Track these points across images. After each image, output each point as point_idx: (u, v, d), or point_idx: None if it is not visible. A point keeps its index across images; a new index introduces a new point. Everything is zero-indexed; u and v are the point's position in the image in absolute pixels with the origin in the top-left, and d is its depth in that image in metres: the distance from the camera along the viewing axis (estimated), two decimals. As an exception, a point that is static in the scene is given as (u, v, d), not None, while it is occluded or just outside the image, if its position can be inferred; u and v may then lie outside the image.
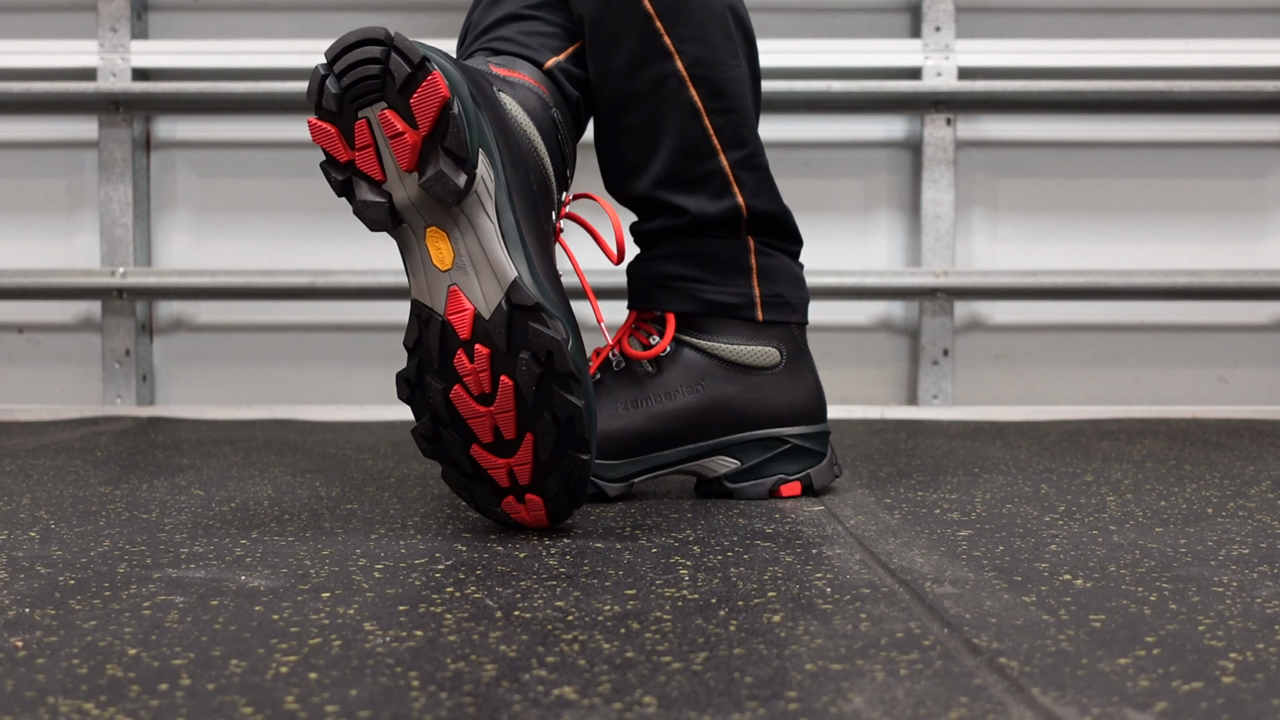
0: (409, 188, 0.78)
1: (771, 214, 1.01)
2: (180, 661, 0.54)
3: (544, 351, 0.78)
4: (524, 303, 0.78)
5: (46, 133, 1.91)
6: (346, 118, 0.79)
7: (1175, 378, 1.89)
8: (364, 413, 1.77)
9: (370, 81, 0.78)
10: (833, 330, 1.87)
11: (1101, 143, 1.88)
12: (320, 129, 0.79)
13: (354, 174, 0.80)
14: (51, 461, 1.23)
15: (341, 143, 0.79)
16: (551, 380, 0.79)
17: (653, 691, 0.50)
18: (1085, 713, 0.48)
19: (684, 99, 0.97)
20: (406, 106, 0.77)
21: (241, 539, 0.82)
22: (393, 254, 1.86)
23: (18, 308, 1.90)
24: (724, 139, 0.99)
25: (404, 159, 0.78)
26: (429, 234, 0.79)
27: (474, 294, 0.79)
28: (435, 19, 1.88)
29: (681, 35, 0.97)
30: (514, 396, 0.79)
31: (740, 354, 0.99)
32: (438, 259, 0.79)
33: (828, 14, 1.88)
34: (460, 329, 0.79)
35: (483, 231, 0.79)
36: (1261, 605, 0.64)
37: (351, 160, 0.79)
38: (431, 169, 0.77)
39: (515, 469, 0.81)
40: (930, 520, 0.89)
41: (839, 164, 1.89)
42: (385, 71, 0.77)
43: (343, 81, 0.78)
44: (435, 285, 0.80)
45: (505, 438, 0.80)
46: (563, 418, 0.79)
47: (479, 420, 0.80)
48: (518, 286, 0.78)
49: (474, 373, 0.79)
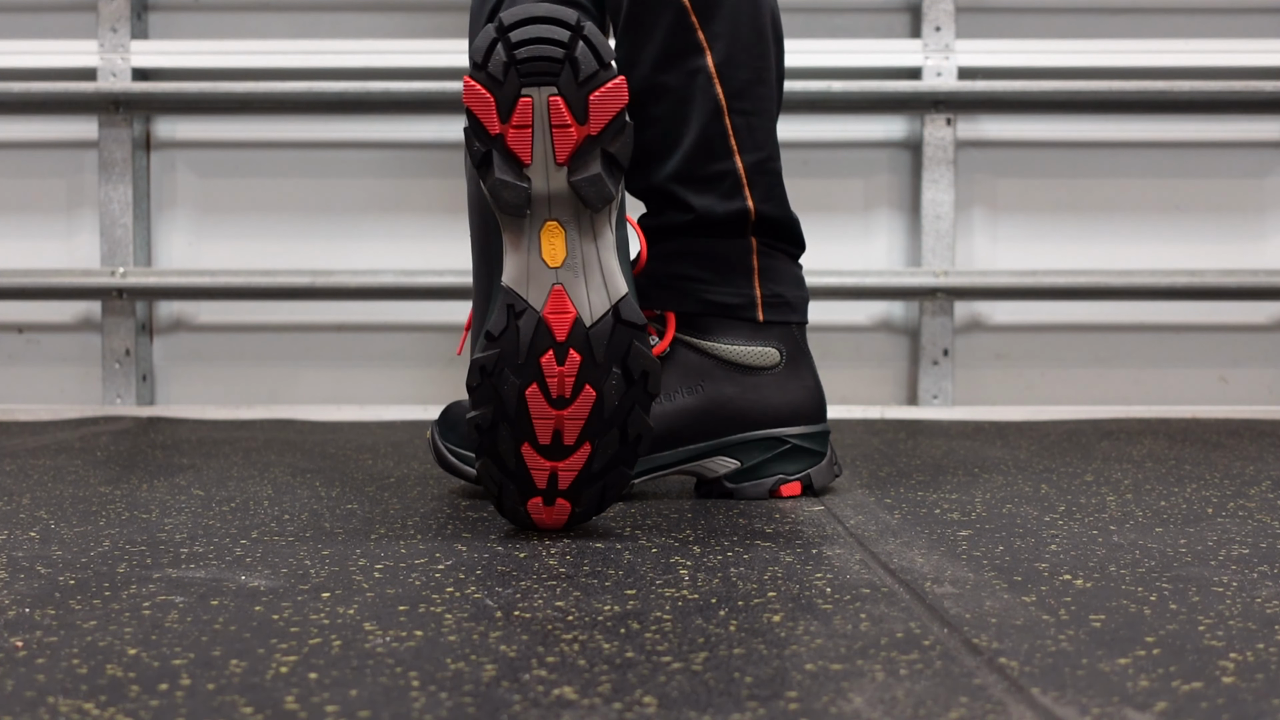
0: (554, 180, 0.77)
1: (779, 219, 1.01)
2: (180, 661, 0.54)
3: (640, 371, 0.79)
4: (632, 320, 0.79)
5: (46, 133, 1.91)
6: (509, 90, 0.76)
7: (1175, 378, 1.89)
8: (364, 413, 1.77)
9: (548, 63, 0.75)
10: (833, 330, 1.87)
11: (1101, 143, 1.88)
12: (477, 93, 0.76)
13: (498, 149, 0.77)
14: (51, 461, 1.23)
15: (496, 114, 0.76)
16: (635, 400, 0.80)
17: (653, 691, 0.50)
18: (1085, 713, 0.48)
19: (710, 95, 0.97)
20: (583, 101, 0.76)
21: (241, 539, 0.82)
22: (392, 254, 1.87)
23: (18, 308, 1.90)
24: (741, 140, 0.99)
25: (562, 151, 0.76)
26: (547, 228, 0.78)
27: (580, 299, 0.78)
28: (435, 19, 1.88)
29: (715, 32, 0.97)
30: (592, 407, 0.79)
31: (740, 354, 0.99)
32: (548, 254, 0.78)
33: (828, 14, 1.88)
34: (558, 330, 0.78)
35: (603, 240, 0.79)
36: (1261, 605, 0.64)
37: (501, 135, 0.77)
38: (587, 170, 0.76)
39: (560, 473, 0.80)
40: (930, 520, 0.89)
41: (839, 164, 1.89)
42: (569, 58, 0.75)
43: (517, 53, 0.75)
44: (538, 280, 0.78)
45: (564, 443, 0.80)
46: (631, 435, 0.80)
47: (545, 422, 0.79)
48: (628, 302, 0.79)
49: (559, 376, 0.78)
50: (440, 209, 1.88)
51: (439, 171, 1.88)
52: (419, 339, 1.89)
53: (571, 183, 0.77)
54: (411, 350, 1.89)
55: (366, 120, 1.89)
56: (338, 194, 1.90)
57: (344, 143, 1.90)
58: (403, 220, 1.89)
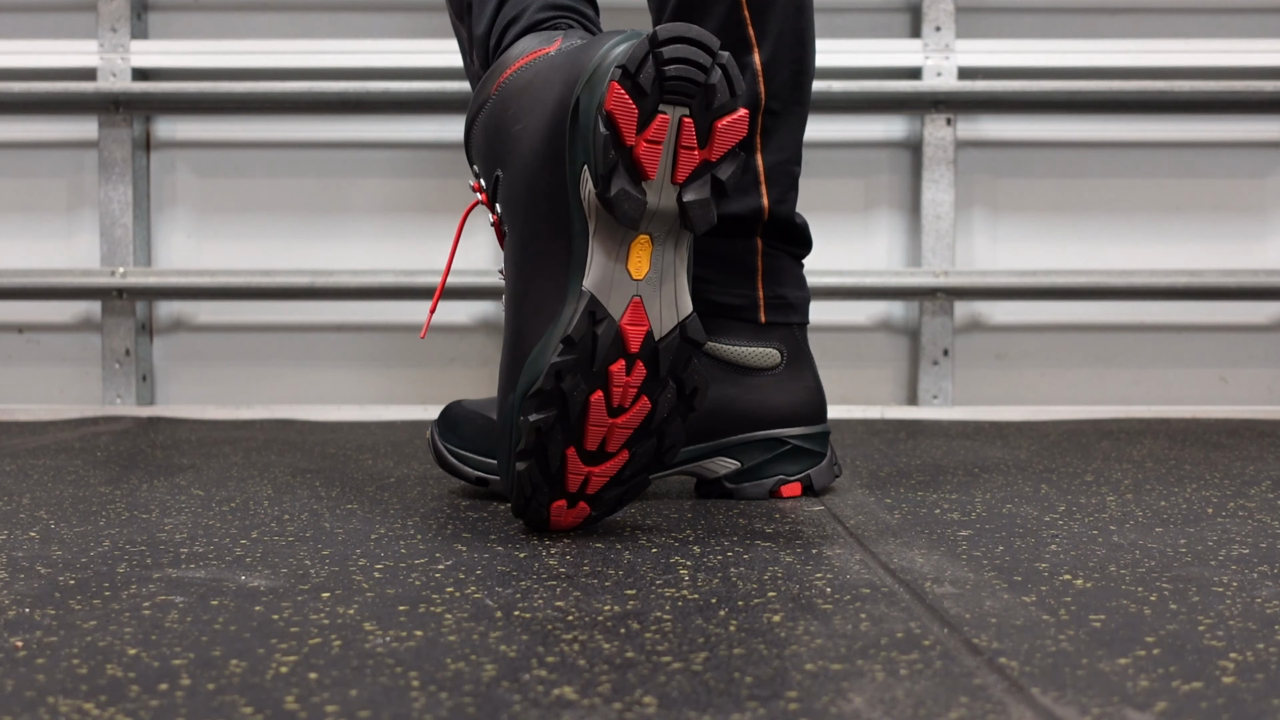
0: (665, 197, 0.78)
1: (789, 222, 1.01)
2: (180, 661, 0.54)
3: (692, 387, 0.81)
4: (696, 338, 0.80)
5: (46, 133, 1.91)
6: (650, 103, 0.76)
7: (1175, 378, 1.89)
8: (364, 413, 1.77)
9: (689, 85, 0.76)
10: (833, 330, 1.87)
11: (1101, 143, 1.88)
12: (623, 100, 0.75)
13: (626, 160, 0.77)
14: (51, 461, 1.23)
15: (635, 125, 0.76)
16: (680, 413, 0.82)
17: (653, 691, 0.50)
18: (1085, 713, 0.47)
19: (753, 93, 0.98)
20: (709, 126, 0.77)
21: (241, 539, 0.82)
22: (392, 254, 1.87)
23: (18, 308, 1.90)
24: (767, 139, 0.99)
25: (682, 171, 0.77)
26: (638, 240, 0.79)
27: (654, 312, 0.79)
28: (435, 19, 1.88)
29: (764, 30, 0.97)
30: (643, 418, 0.80)
31: (741, 355, 0.99)
32: (634, 266, 0.79)
33: (828, 14, 1.88)
34: (631, 341, 0.79)
35: (682, 258, 0.80)
36: (1261, 605, 0.64)
37: (633, 147, 0.77)
38: (698, 193, 0.78)
39: (592, 477, 0.81)
40: (930, 520, 0.89)
41: (839, 164, 1.89)
42: (706, 84, 0.76)
43: (666, 70, 0.76)
44: (620, 290, 0.79)
45: (607, 450, 0.81)
46: (666, 447, 0.82)
47: (598, 429, 0.80)
48: (694, 321, 0.80)
49: (624, 386, 0.79)
50: (440, 209, 1.88)
51: (439, 171, 1.88)
52: (418, 339, 1.89)
53: (682, 203, 0.78)
54: (411, 350, 1.89)
55: (366, 120, 1.89)
56: (338, 194, 1.90)
57: (344, 143, 1.90)
58: (403, 220, 1.89)
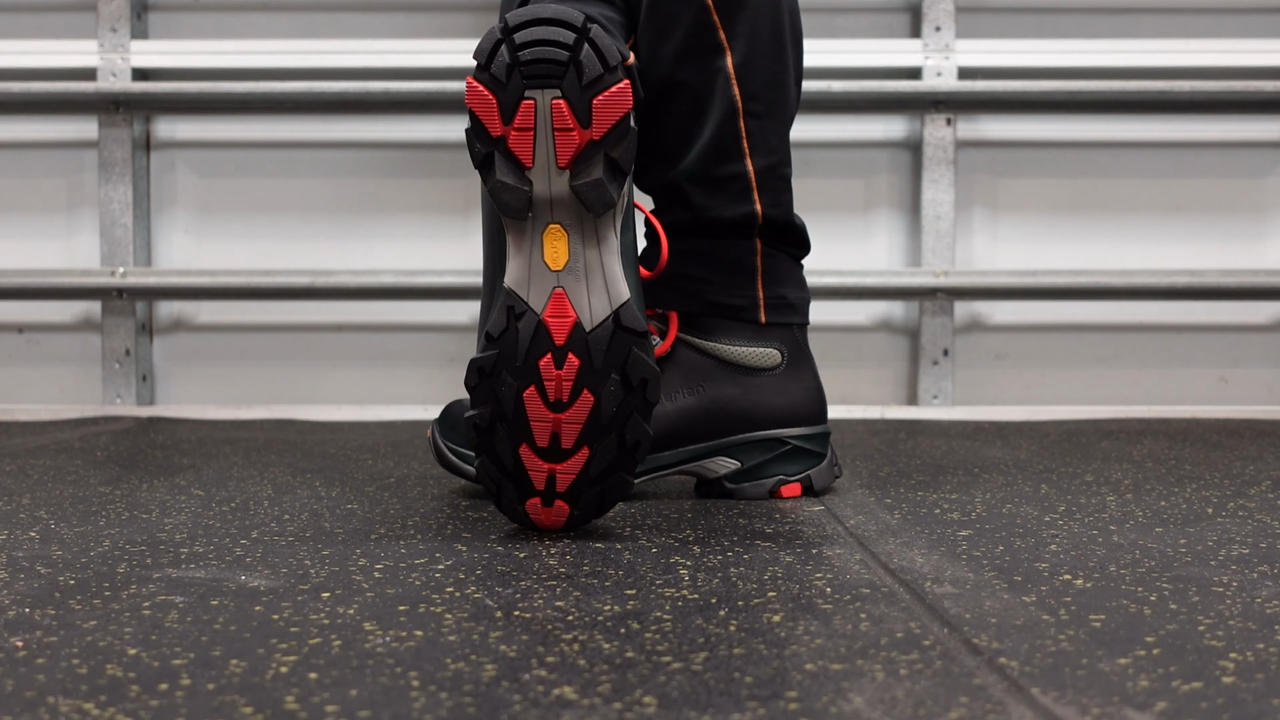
0: (555, 183, 0.76)
1: (785, 224, 1.01)
2: (180, 661, 0.54)
3: (639, 378, 0.79)
4: (633, 326, 0.78)
5: (46, 133, 1.91)
6: (512, 92, 0.75)
7: (1175, 378, 1.89)
8: (364, 413, 1.77)
9: (551, 65, 0.75)
10: (833, 330, 1.87)
11: (1101, 143, 1.88)
12: (479, 94, 0.76)
13: (499, 151, 0.77)
14: (51, 461, 1.23)
15: (499, 116, 0.76)
16: (633, 406, 0.79)
17: (653, 691, 0.50)
18: (1085, 713, 0.48)
19: (728, 97, 0.97)
20: (586, 105, 0.75)
21: (241, 539, 0.82)
22: (392, 254, 1.87)
23: (18, 308, 1.90)
24: (754, 143, 0.98)
25: (564, 155, 0.76)
26: (549, 231, 0.77)
27: (580, 303, 0.78)
28: (435, 19, 1.88)
29: (735, 32, 0.96)
30: (590, 411, 0.79)
31: (741, 355, 0.99)
32: (550, 257, 0.78)
33: (828, 14, 1.88)
34: (557, 334, 0.78)
35: (606, 245, 0.78)
36: (1261, 605, 0.64)
37: (503, 137, 0.76)
38: (589, 174, 0.76)
39: (558, 475, 0.80)
40: (930, 520, 0.89)
41: (839, 164, 1.89)
42: (573, 61, 0.75)
43: (521, 55, 0.75)
44: (539, 283, 0.78)
45: (562, 446, 0.79)
46: (629, 442, 0.80)
47: (542, 424, 0.79)
48: (629, 309, 0.78)
49: (557, 379, 0.78)
50: (440, 209, 1.88)
51: (439, 171, 1.88)
52: (419, 339, 1.89)
53: (573, 187, 0.76)
54: (411, 350, 1.89)
55: (366, 120, 1.89)
56: (338, 194, 1.90)
57: (344, 143, 1.90)
58: (403, 220, 1.89)
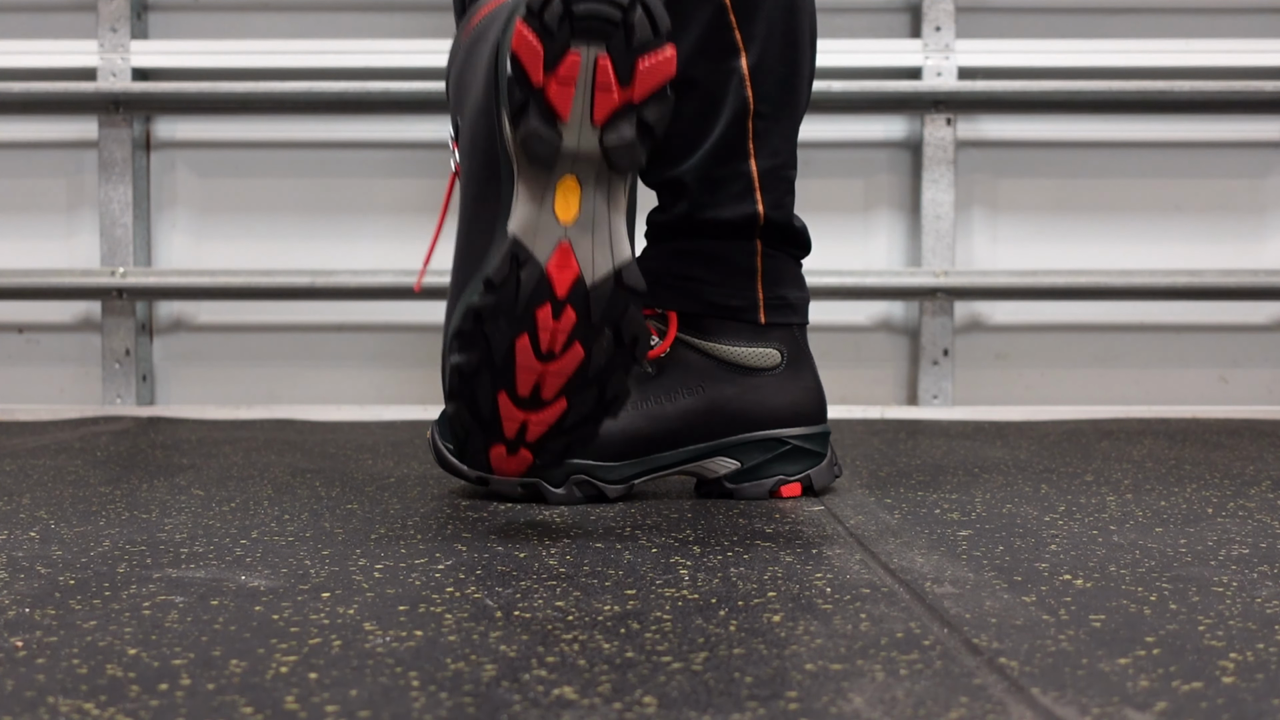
0: (585, 138, 0.76)
1: (787, 226, 1.00)
2: (180, 661, 0.54)
3: (631, 336, 0.79)
4: (633, 285, 0.79)
5: (46, 133, 1.91)
6: (559, 42, 0.75)
7: (1175, 378, 1.89)
8: (364, 413, 1.77)
9: (603, 24, 0.75)
10: (833, 330, 1.87)
11: (1101, 143, 1.88)
12: (527, 41, 0.75)
13: (536, 100, 0.76)
14: (51, 461, 1.23)
15: (542, 65, 0.76)
16: (620, 363, 0.80)
17: (653, 691, 0.50)
18: (1085, 713, 0.47)
19: (740, 97, 0.97)
20: (630, 66, 0.75)
21: (241, 539, 0.82)
22: (392, 254, 1.87)
23: (18, 308, 1.90)
24: (760, 145, 0.98)
25: (600, 113, 0.76)
26: (564, 182, 0.77)
27: (584, 257, 0.78)
28: (435, 19, 1.88)
29: (751, 33, 0.96)
30: (577, 365, 0.79)
31: (741, 356, 0.99)
32: (561, 209, 0.77)
33: (828, 14, 1.88)
34: (559, 286, 0.77)
35: (615, 203, 0.78)
36: (1261, 605, 0.64)
37: (542, 87, 0.76)
38: (621, 134, 0.76)
39: (530, 425, 0.80)
40: (930, 520, 0.89)
41: (839, 164, 1.89)
42: (624, 22, 0.75)
43: (575, 9, 0.74)
44: (546, 233, 0.78)
45: (542, 396, 0.80)
46: (609, 396, 0.80)
47: (528, 373, 0.79)
48: (631, 268, 0.79)
49: (552, 330, 0.78)
50: (440, 209, 1.88)
51: (439, 171, 1.88)
52: (419, 339, 1.89)
53: (604, 144, 0.77)
54: (411, 350, 1.89)
55: (366, 120, 1.89)
56: (338, 194, 1.90)
57: (344, 143, 1.90)
58: (403, 220, 1.89)
